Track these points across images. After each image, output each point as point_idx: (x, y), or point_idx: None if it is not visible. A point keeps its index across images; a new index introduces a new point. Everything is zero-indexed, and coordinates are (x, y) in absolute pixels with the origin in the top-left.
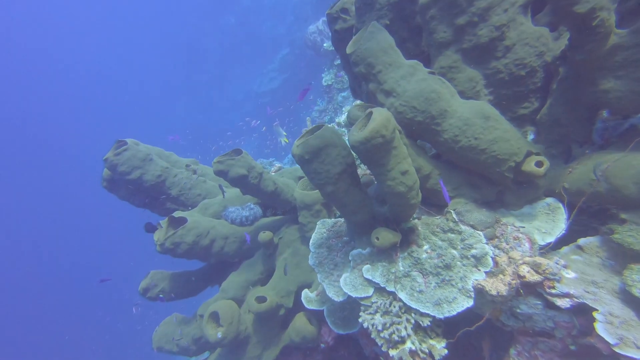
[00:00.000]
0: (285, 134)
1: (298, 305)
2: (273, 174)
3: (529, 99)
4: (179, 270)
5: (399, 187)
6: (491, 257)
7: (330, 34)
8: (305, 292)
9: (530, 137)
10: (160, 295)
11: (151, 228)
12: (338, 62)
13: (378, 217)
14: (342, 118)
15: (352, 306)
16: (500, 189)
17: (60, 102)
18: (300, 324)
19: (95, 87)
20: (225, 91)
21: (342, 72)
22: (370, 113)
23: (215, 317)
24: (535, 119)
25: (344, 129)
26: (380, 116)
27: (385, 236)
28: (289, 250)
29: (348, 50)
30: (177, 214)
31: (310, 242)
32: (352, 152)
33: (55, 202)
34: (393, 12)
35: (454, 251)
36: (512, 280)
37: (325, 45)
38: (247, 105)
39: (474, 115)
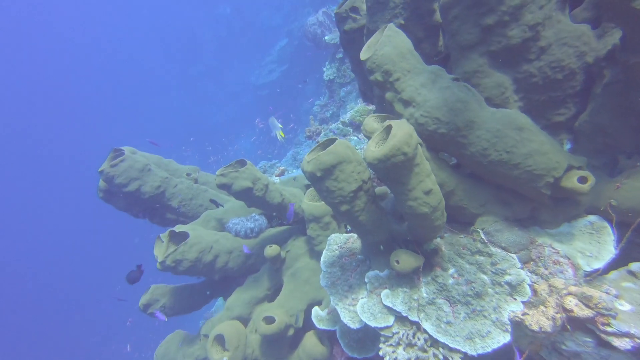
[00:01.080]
0: (281, 126)
1: (308, 322)
2: (278, 181)
3: (566, 105)
4: (181, 284)
5: (421, 207)
6: (528, 284)
7: (331, 27)
8: (315, 310)
9: (567, 146)
10: (157, 311)
11: (134, 278)
12: (340, 55)
13: (396, 236)
14: (347, 116)
15: (368, 328)
16: (535, 205)
17: (50, 96)
18: (310, 345)
19: (87, 80)
20: (222, 83)
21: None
22: (390, 127)
23: (220, 340)
24: (572, 127)
25: (349, 128)
26: (401, 131)
27: (406, 260)
28: (297, 265)
29: (363, 56)
30: (179, 228)
31: (322, 260)
32: (369, 168)
33: (46, 208)
34: (408, 10)
35: (484, 276)
36: (557, 313)
37: (326, 38)
38: (244, 97)
39: (505, 126)
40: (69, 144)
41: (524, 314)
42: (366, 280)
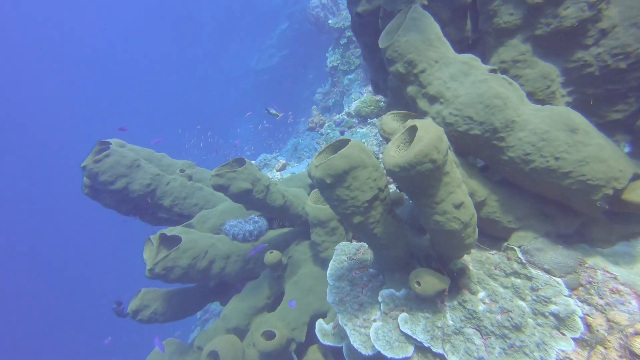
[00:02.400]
0: (278, 114)
1: (311, 335)
2: (279, 179)
3: (627, 100)
4: (174, 288)
5: (450, 224)
6: (580, 317)
7: (335, 10)
8: (319, 324)
9: (626, 149)
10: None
11: (119, 313)
12: (344, 41)
13: (416, 251)
14: (353, 107)
15: (383, 356)
16: (584, 220)
17: (43, 79)
18: None
19: (83, 63)
20: (221, 67)
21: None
22: (414, 128)
23: (214, 356)
24: (631, 126)
25: (354, 120)
26: (429, 133)
27: (429, 281)
28: (299, 272)
29: (382, 44)
30: (170, 230)
31: (328, 272)
32: (386, 174)
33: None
34: None
35: (523, 304)
36: (622, 358)
37: (330, 22)
38: (244, 83)
39: (554, 127)
40: (62, 133)
41: (577, 353)
42: (380, 299)
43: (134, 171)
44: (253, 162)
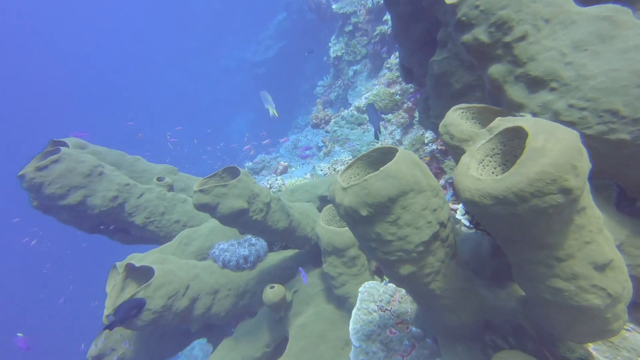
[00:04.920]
0: (275, 113)
1: None
2: (280, 185)
3: None
4: None
5: (586, 296)
6: None
7: None
8: None
9: None
10: None
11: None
12: (350, 28)
13: (493, 316)
14: (362, 101)
15: None
16: None
17: (33, 73)
18: None
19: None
20: (217, 60)
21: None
22: (517, 132)
23: None
24: None
25: (364, 116)
26: (559, 143)
27: None
28: (308, 311)
29: None
30: (141, 259)
31: (351, 326)
32: (447, 202)
33: None
34: None
35: None
36: None
37: (334, 6)
38: (240, 76)
39: None
40: (44, 128)
41: None
42: None
43: (94, 181)
44: (250, 163)
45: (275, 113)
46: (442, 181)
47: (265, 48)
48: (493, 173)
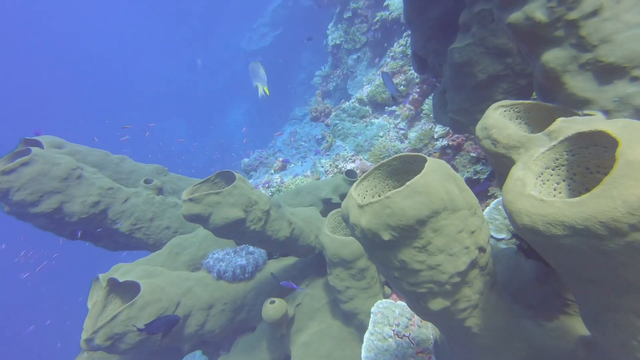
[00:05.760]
0: (265, 80)
1: None
2: (279, 183)
3: None
4: None
5: None
6: None
7: None
8: None
9: None
10: None
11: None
12: (349, 14)
13: (541, 355)
14: (365, 93)
15: None
16: None
17: (21, 65)
18: None
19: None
20: (211, 49)
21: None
22: (598, 136)
23: None
24: None
25: (367, 108)
26: None
27: None
28: (312, 327)
29: None
30: (125, 273)
31: (363, 353)
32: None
33: None
34: None
35: None
36: None
37: None
38: (235, 65)
39: None
40: (35, 122)
41: None
42: None
43: (72, 185)
44: (246, 159)
45: (266, 90)
46: None
47: (260, 36)
48: (555, 190)
